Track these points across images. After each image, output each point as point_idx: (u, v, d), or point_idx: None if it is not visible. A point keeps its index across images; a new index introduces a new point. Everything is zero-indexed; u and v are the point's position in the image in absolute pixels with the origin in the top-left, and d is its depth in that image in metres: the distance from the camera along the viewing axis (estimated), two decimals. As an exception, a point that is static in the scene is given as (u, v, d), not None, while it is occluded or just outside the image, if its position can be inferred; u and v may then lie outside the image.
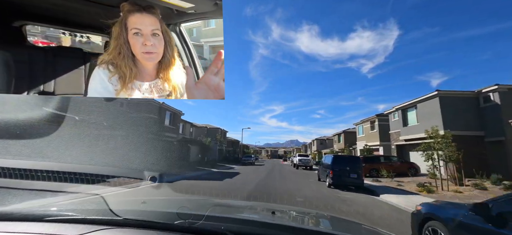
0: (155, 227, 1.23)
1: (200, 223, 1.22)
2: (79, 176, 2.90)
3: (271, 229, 1.42)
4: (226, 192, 9.76)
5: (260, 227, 1.46)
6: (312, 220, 1.98)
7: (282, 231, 1.45)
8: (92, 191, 3.06)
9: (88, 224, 1.22)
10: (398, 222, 6.32)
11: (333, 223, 1.93)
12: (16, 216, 1.29)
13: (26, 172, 2.56)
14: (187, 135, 34.10)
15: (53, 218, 1.28)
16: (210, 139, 36.41)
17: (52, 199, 2.36)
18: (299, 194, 9.80)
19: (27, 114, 3.72)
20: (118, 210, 1.32)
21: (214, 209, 1.81)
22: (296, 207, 2.93)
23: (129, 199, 2.48)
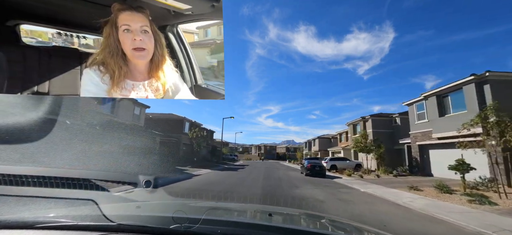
0: (150, 232, 1.20)
1: (197, 227, 1.20)
2: (72, 181, 2.81)
3: (268, 232, 1.40)
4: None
5: (257, 229, 1.44)
6: (309, 221, 1.97)
7: (280, 233, 1.43)
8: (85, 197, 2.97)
9: (81, 230, 1.19)
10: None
11: (331, 224, 1.92)
12: (6, 223, 1.24)
13: (16, 178, 2.48)
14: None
15: (45, 225, 1.24)
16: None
17: (44, 206, 2.28)
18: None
19: (17, 117, 3.62)
20: (112, 216, 1.28)
21: (210, 213, 1.78)
22: (293, 208, 2.91)
23: (123, 204, 2.42)
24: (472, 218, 6.26)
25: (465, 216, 6.40)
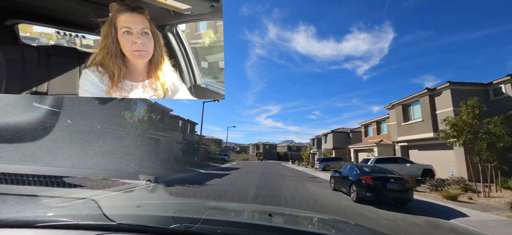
0: (150, 231, 1.20)
1: (197, 227, 1.20)
2: (72, 180, 2.82)
3: (269, 232, 1.40)
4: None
5: (257, 230, 1.44)
6: (309, 222, 1.97)
7: (280, 233, 1.43)
8: (85, 195, 2.98)
9: (82, 229, 1.19)
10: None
11: (332, 225, 1.92)
12: (6, 222, 1.25)
13: (18, 177, 2.49)
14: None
15: (46, 224, 1.24)
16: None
17: (45, 204, 2.29)
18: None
19: (19, 117, 3.63)
20: (112, 215, 1.27)
21: (210, 212, 1.78)
22: (293, 209, 2.91)
23: (124, 203, 2.43)
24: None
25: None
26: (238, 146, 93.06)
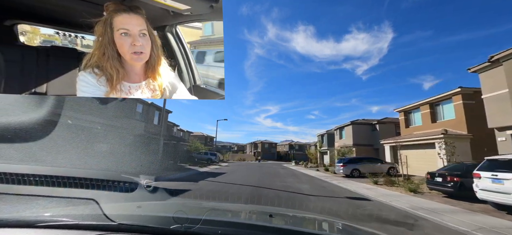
0: (150, 232, 1.20)
1: (197, 228, 1.20)
2: (73, 180, 2.84)
3: (269, 233, 1.40)
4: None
5: (257, 230, 1.43)
6: (310, 223, 1.96)
7: (280, 234, 1.43)
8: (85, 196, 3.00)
9: (82, 229, 1.19)
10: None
11: (332, 226, 1.92)
12: (6, 222, 1.25)
13: (18, 176, 2.50)
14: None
15: (46, 224, 1.24)
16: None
17: (45, 204, 2.30)
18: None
19: (19, 116, 3.64)
20: (112, 215, 1.28)
21: (211, 213, 1.78)
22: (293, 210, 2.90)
23: (124, 204, 2.44)
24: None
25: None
26: (236, 145, 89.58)
